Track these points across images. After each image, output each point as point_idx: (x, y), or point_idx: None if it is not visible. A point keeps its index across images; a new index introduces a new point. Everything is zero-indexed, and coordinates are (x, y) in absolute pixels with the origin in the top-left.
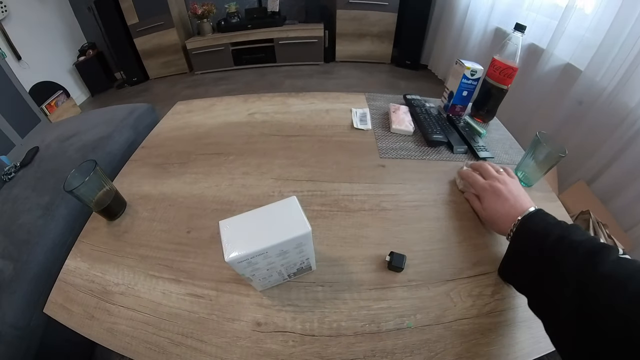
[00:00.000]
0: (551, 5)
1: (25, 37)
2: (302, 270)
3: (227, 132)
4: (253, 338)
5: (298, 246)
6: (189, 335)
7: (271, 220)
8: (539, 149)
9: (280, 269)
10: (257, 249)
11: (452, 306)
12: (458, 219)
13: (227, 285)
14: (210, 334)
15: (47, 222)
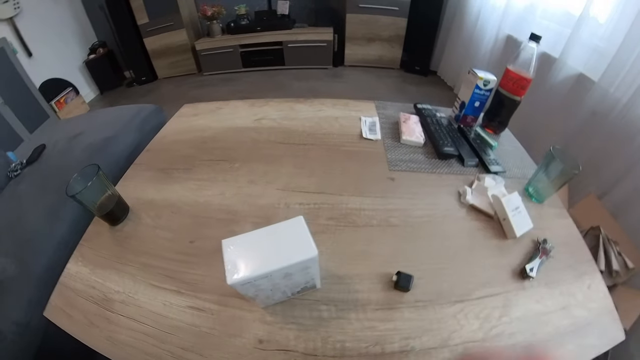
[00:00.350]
0: (564, 13)
1: (36, 34)
2: (306, 288)
3: (233, 137)
4: (254, 355)
5: (304, 269)
6: (190, 349)
7: (277, 242)
8: (553, 164)
9: (284, 289)
10: (261, 272)
11: (458, 328)
12: (467, 237)
13: (229, 299)
14: (211, 348)
15: (52, 222)
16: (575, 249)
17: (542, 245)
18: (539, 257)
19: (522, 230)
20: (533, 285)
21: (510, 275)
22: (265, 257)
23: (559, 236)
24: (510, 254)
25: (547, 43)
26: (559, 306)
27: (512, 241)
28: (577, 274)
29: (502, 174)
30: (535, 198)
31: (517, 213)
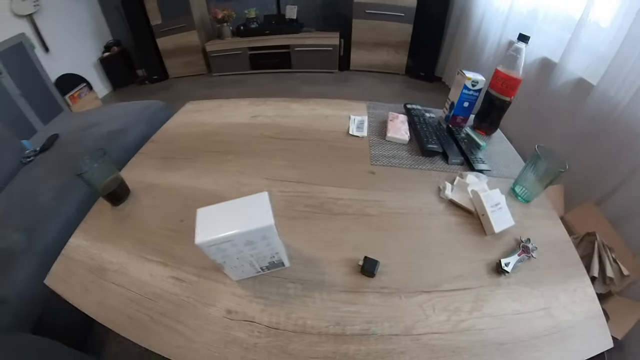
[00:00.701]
0: (566, 17)
1: (54, 30)
2: (275, 265)
3: (230, 132)
4: (223, 324)
5: (264, 238)
6: (167, 315)
7: (242, 212)
8: (538, 163)
9: (250, 259)
10: (223, 235)
11: (423, 318)
12: (442, 230)
13: (208, 272)
14: (186, 315)
15: (60, 203)
16: (562, 250)
17: (524, 244)
18: (517, 254)
19: (502, 226)
20: (510, 283)
21: (486, 270)
22: (229, 224)
23: (545, 237)
24: (488, 250)
25: (548, 48)
26: (539, 307)
27: (491, 237)
28: (562, 276)
29: (487, 173)
30: (521, 197)
31: (498, 209)
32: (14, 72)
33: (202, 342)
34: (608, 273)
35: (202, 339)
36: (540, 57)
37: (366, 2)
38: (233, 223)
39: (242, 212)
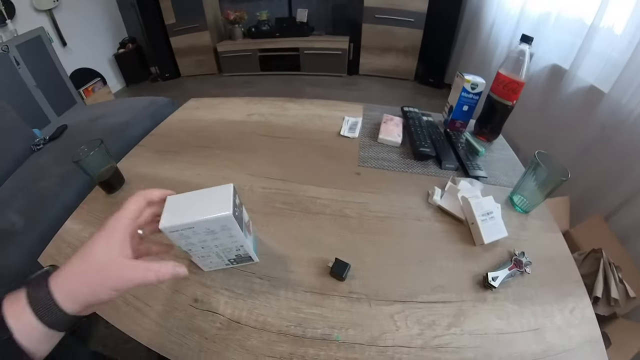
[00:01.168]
0: (577, 23)
1: (72, 25)
2: (242, 258)
3: (222, 128)
4: (188, 312)
5: (224, 229)
6: (139, 298)
7: (207, 201)
8: (538, 170)
9: (216, 250)
10: (184, 222)
11: (393, 330)
12: (426, 237)
13: (183, 260)
14: (155, 300)
15: (61, 189)
16: (560, 267)
17: (517, 257)
18: (508, 268)
19: (493, 237)
20: (498, 299)
21: (471, 283)
22: (193, 211)
23: (543, 251)
24: (476, 261)
25: (559, 54)
26: (529, 327)
27: (480, 249)
28: (558, 295)
29: (483, 180)
30: (519, 207)
31: (489, 219)
32: (32, 64)
33: (166, 326)
34: (613, 294)
35: (167, 324)
36: (550, 64)
37: (376, 7)
38: (196, 211)
39: (207, 201)
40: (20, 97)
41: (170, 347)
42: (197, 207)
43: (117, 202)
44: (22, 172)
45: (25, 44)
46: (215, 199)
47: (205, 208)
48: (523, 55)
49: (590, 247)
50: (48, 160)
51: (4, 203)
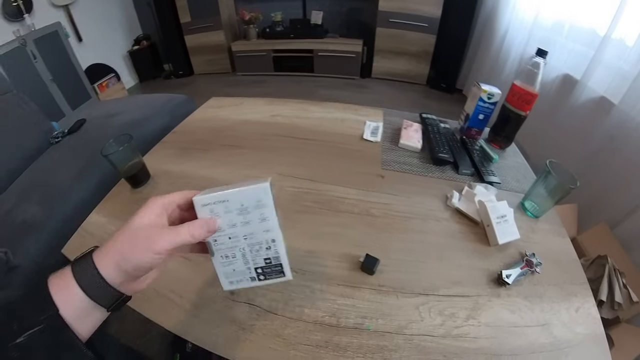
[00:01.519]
0: (590, 34)
1: (88, 21)
2: (272, 267)
3: (247, 128)
4: (223, 303)
5: (259, 206)
6: (172, 290)
7: (245, 184)
8: (549, 178)
9: (243, 246)
10: (219, 194)
11: (418, 320)
12: (445, 236)
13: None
14: (190, 292)
15: (80, 181)
16: (568, 268)
17: (528, 258)
18: (520, 267)
19: (506, 238)
20: (510, 295)
21: (486, 279)
22: (228, 189)
23: (552, 253)
24: (490, 260)
25: (571, 65)
26: (538, 322)
27: (494, 249)
28: (565, 294)
29: (497, 185)
30: (530, 212)
31: (503, 221)
32: (48, 58)
33: (203, 318)
34: (617, 298)
35: (203, 315)
36: (562, 74)
37: (390, 11)
38: (232, 188)
39: (245, 184)
40: (36, 90)
41: (207, 337)
42: (234, 187)
43: (143, 197)
44: (41, 164)
45: (42, 38)
46: (252, 182)
47: (242, 186)
48: (537, 67)
49: (596, 254)
50: (66, 153)
51: (23, 194)
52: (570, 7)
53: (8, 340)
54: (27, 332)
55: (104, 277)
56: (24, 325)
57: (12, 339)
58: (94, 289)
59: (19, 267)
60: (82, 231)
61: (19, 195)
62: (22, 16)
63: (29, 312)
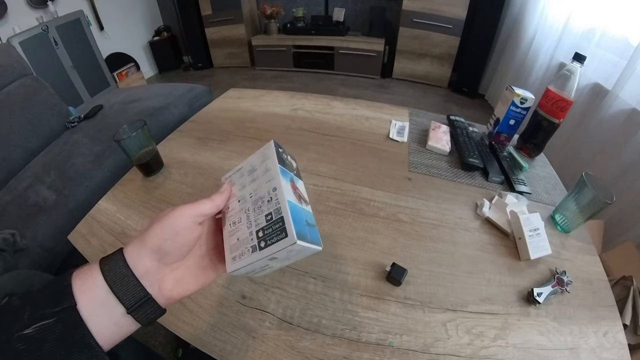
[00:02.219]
0: (623, 43)
1: (110, 11)
2: (272, 221)
3: (269, 121)
4: (234, 309)
5: (264, 161)
6: None
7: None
8: (584, 191)
9: (249, 204)
10: (237, 165)
11: (445, 338)
12: (475, 248)
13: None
14: (200, 294)
15: (94, 167)
16: (597, 289)
17: (559, 276)
18: (551, 286)
19: (538, 253)
20: (540, 315)
21: (516, 297)
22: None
23: (581, 272)
24: (520, 276)
25: (601, 74)
26: (566, 345)
27: (525, 264)
28: (594, 317)
29: (527, 196)
30: (560, 227)
31: (536, 235)
32: (70, 45)
33: (210, 322)
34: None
35: (211, 319)
36: (592, 83)
37: (414, 11)
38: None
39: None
40: (56, 76)
41: (214, 344)
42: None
43: (155, 186)
44: (56, 147)
45: (65, 25)
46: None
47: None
48: (574, 73)
49: (621, 274)
50: (82, 138)
51: (36, 177)
52: (603, 14)
53: (15, 329)
54: (37, 323)
55: (130, 264)
56: (35, 316)
57: (20, 329)
58: (116, 279)
59: (25, 249)
60: (90, 218)
61: (33, 177)
62: (45, 3)
63: (44, 301)
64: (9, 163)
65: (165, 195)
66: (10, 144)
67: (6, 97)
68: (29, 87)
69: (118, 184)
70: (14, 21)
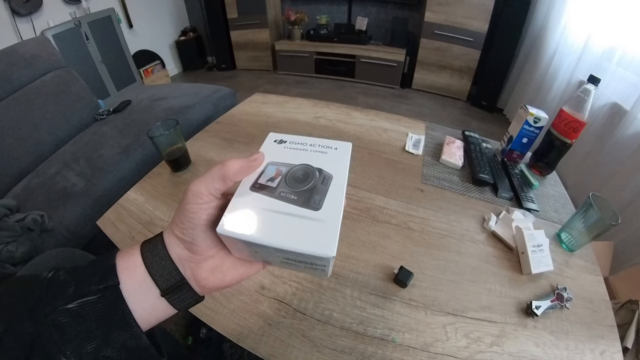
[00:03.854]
0: None
1: (140, 10)
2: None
3: (291, 127)
4: (253, 297)
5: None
6: None
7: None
8: (589, 212)
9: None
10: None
11: (444, 339)
12: (479, 259)
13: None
14: None
15: (122, 159)
16: (598, 309)
17: (559, 291)
18: (550, 300)
19: (540, 269)
20: (537, 327)
21: (515, 308)
22: None
23: (583, 291)
24: (521, 289)
25: (620, 94)
26: (561, 359)
27: (526, 278)
28: (592, 335)
29: (535, 213)
30: (566, 245)
31: (539, 250)
32: (100, 40)
33: (230, 308)
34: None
35: (230, 305)
36: (610, 102)
37: (436, 23)
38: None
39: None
40: (86, 69)
41: (232, 328)
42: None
43: (182, 181)
44: (85, 137)
45: (96, 21)
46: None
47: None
48: (588, 95)
49: (627, 297)
50: (111, 130)
51: (66, 164)
52: (624, 33)
53: (60, 302)
54: (81, 299)
55: (167, 248)
56: (80, 291)
57: (64, 303)
58: (154, 261)
59: (52, 231)
60: (119, 207)
61: (62, 163)
62: (79, 0)
63: (88, 278)
64: (39, 148)
65: None
66: (42, 131)
67: (41, 86)
68: (63, 79)
69: (147, 177)
70: (48, 15)
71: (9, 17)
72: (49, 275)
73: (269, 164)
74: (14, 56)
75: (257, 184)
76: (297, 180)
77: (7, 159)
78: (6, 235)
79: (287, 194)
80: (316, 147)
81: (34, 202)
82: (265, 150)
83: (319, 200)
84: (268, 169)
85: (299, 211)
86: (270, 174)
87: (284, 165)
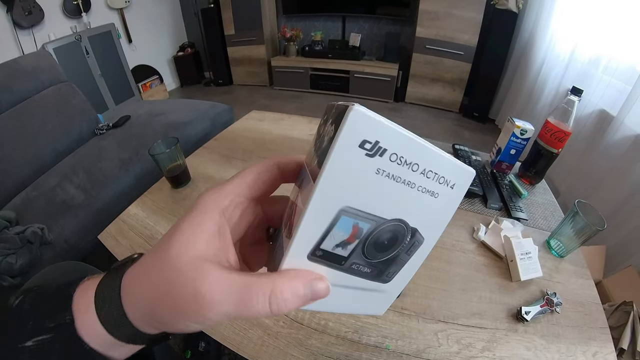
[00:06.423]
0: (628, 69)
1: (139, 25)
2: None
3: (287, 144)
4: None
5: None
6: None
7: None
8: (576, 219)
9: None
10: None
11: (436, 345)
12: (469, 268)
13: None
14: None
15: (121, 173)
16: (589, 312)
17: (549, 296)
18: (540, 305)
19: (529, 275)
20: (528, 332)
21: (505, 314)
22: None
23: (574, 295)
24: (511, 296)
25: (607, 100)
26: None
27: (516, 284)
28: (583, 337)
29: (524, 222)
30: (555, 251)
31: (527, 258)
32: (99, 55)
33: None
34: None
35: None
36: (597, 109)
37: (427, 38)
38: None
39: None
40: (85, 82)
41: (232, 338)
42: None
43: (182, 197)
44: (85, 150)
45: (96, 36)
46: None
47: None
48: (572, 106)
49: (622, 299)
50: (110, 144)
51: (65, 176)
52: (609, 42)
53: (20, 339)
54: (37, 337)
55: (130, 320)
56: (36, 328)
57: (23, 340)
58: (116, 329)
59: (52, 243)
60: (120, 221)
61: (62, 176)
62: (80, 14)
63: (48, 310)
64: (39, 160)
65: None
66: (41, 143)
67: (42, 99)
68: (64, 93)
69: (147, 192)
70: (49, 28)
71: (10, 30)
72: (15, 302)
73: (342, 213)
74: (15, 69)
75: (321, 250)
76: (379, 249)
77: (7, 170)
78: (6, 248)
79: (360, 266)
80: (430, 178)
81: (32, 214)
82: (338, 163)
83: (392, 273)
84: (341, 223)
85: (366, 284)
86: (342, 234)
87: (368, 218)
